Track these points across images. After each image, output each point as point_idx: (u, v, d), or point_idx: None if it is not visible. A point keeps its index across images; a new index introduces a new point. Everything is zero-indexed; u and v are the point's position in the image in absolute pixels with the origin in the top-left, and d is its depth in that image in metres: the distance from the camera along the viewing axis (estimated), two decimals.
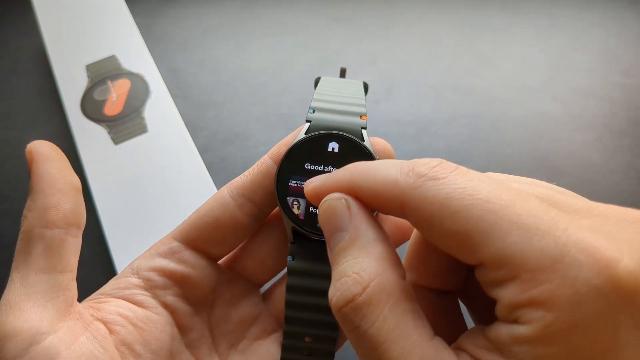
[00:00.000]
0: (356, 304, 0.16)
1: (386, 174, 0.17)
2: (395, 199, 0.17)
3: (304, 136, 0.23)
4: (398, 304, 0.16)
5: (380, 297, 0.16)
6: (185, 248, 0.23)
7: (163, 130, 0.41)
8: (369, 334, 0.16)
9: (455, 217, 0.15)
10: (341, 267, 0.17)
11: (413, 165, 0.17)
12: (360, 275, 0.16)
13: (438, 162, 0.16)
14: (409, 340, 0.15)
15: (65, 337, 0.19)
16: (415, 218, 0.16)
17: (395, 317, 0.16)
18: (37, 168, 0.20)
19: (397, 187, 0.17)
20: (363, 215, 0.18)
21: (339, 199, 0.18)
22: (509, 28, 0.56)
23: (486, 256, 0.15)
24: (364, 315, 0.16)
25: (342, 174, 0.19)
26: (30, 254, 0.19)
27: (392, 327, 0.16)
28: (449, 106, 0.50)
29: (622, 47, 0.54)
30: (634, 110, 0.49)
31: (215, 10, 0.58)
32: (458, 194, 0.15)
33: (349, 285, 0.16)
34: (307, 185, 0.20)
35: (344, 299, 0.16)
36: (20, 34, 0.56)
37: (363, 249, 0.17)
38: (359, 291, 0.16)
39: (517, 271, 0.14)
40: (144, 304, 0.22)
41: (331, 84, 0.25)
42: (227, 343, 0.24)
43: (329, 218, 0.18)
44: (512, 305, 0.14)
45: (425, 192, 0.16)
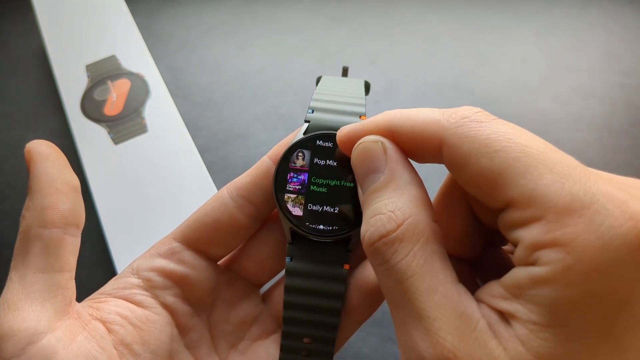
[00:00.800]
0: (389, 239, 0.17)
1: (428, 114, 0.18)
2: (435, 136, 0.17)
3: (302, 137, 0.23)
4: (428, 244, 0.17)
5: (412, 235, 0.17)
6: (185, 248, 0.23)
7: (163, 130, 0.41)
8: (397, 268, 0.16)
9: (493, 156, 0.16)
10: (376, 206, 0.18)
11: (456, 110, 0.18)
12: (395, 214, 0.17)
13: (480, 110, 0.17)
14: (434, 278, 0.16)
15: (63, 337, 0.19)
16: (453, 155, 0.17)
17: (425, 255, 0.16)
18: (36, 168, 0.20)
19: (438, 125, 0.17)
20: (399, 158, 0.19)
21: (375, 141, 0.19)
22: (509, 28, 0.56)
23: (516, 194, 0.15)
24: (395, 250, 0.17)
25: (379, 117, 0.19)
26: (28, 254, 0.19)
27: (420, 263, 0.16)
28: (449, 106, 0.49)
29: (622, 47, 0.54)
30: (634, 110, 0.49)
31: (215, 10, 0.58)
32: (498, 136, 0.16)
33: (383, 222, 0.17)
34: (341, 131, 0.20)
35: (378, 234, 0.17)
36: (20, 34, 0.56)
37: (398, 190, 0.18)
38: (393, 227, 0.17)
39: (545, 211, 0.14)
40: (143, 304, 0.22)
41: (331, 84, 0.25)
42: (227, 343, 0.24)
43: (365, 159, 0.19)
44: (534, 245, 0.15)
45: (467, 130, 0.17)
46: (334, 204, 0.22)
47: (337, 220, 0.22)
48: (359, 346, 0.37)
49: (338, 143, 0.20)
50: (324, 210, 0.22)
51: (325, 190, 0.22)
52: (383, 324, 0.38)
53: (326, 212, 0.22)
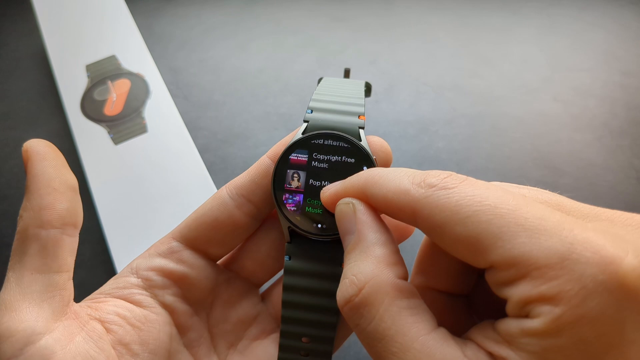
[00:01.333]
0: (353, 304, 0.17)
1: (398, 183, 0.18)
2: (407, 207, 0.18)
3: (300, 136, 0.23)
4: (394, 303, 0.17)
5: (375, 298, 0.17)
6: (185, 248, 0.23)
7: (163, 130, 0.41)
8: (368, 331, 0.17)
9: (466, 222, 0.16)
10: (346, 269, 0.18)
11: (424, 177, 0.18)
12: (357, 278, 0.18)
13: (448, 174, 0.17)
14: (406, 336, 0.16)
15: (61, 337, 0.19)
16: (427, 225, 0.17)
17: (391, 315, 0.17)
18: (33, 167, 0.20)
19: (408, 196, 0.17)
20: (367, 218, 0.19)
21: (347, 204, 0.20)
22: (509, 28, 0.56)
23: (496, 258, 0.15)
24: (361, 315, 0.17)
25: (355, 181, 0.20)
26: (26, 254, 0.19)
27: (388, 325, 0.17)
28: (449, 106, 0.50)
29: (622, 47, 0.54)
30: (634, 110, 0.49)
31: (215, 10, 0.58)
32: (467, 201, 0.16)
33: (346, 287, 0.18)
34: (324, 193, 0.21)
35: (343, 299, 0.18)
36: (20, 34, 0.56)
37: (363, 252, 0.18)
38: (355, 292, 0.17)
39: (527, 270, 0.15)
40: (142, 304, 0.22)
41: (331, 84, 0.25)
42: (226, 343, 0.24)
43: (340, 221, 0.20)
44: (522, 301, 0.15)
45: (436, 200, 0.17)
46: None
47: None
48: (359, 346, 0.37)
49: (323, 203, 0.21)
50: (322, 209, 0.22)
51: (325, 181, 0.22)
52: None
53: (324, 211, 0.22)
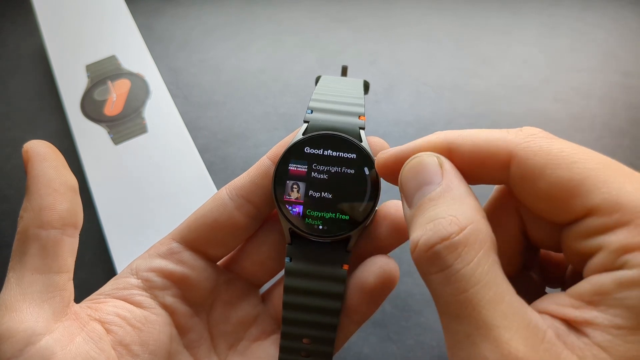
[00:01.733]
0: (452, 242, 0.16)
1: (490, 132, 0.18)
2: (503, 152, 0.17)
3: (301, 137, 0.23)
4: (490, 253, 0.16)
5: (475, 241, 0.16)
6: (185, 249, 0.23)
7: (163, 130, 0.41)
8: (460, 274, 0.16)
9: (571, 167, 0.16)
10: (433, 212, 0.17)
11: (520, 129, 0.18)
12: (457, 218, 0.16)
13: (545, 131, 0.18)
14: (500, 287, 0.15)
15: (61, 338, 0.19)
16: (525, 168, 0.17)
17: (489, 263, 0.16)
18: (33, 168, 0.20)
19: (506, 141, 0.17)
20: (456, 173, 0.18)
21: (430, 156, 0.18)
22: (509, 28, 0.56)
23: (599, 201, 0.15)
24: (459, 255, 0.16)
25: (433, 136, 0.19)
26: (26, 255, 0.19)
27: (485, 270, 0.16)
28: (449, 106, 0.50)
29: (622, 47, 0.54)
30: (634, 110, 0.49)
31: (215, 10, 0.58)
32: (572, 150, 0.16)
33: (444, 225, 0.16)
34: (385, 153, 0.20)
35: (439, 236, 0.16)
36: (20, 34, 0.56)
37: (457, 199, 0.17)
38: (456, 230, 0.16)
39: (632, 216, 0.15)
40: (142, 305, 0.22)
41: (330, 83, 0.25)
42: (226, 344, 0.24)
43: (418, 172, 0.18)
44: (621, 249, 0.15)
45: (540, 144, 0.17)
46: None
47: (336, 220, 0.22)
48: (360, 346, 0.37)
49: (380, 165, 0.20)
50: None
51: (325, 189, 0.22)
52: (383, 325, 0.38)
53: (324, 222, 0.22)
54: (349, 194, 0.22)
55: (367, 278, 0.22)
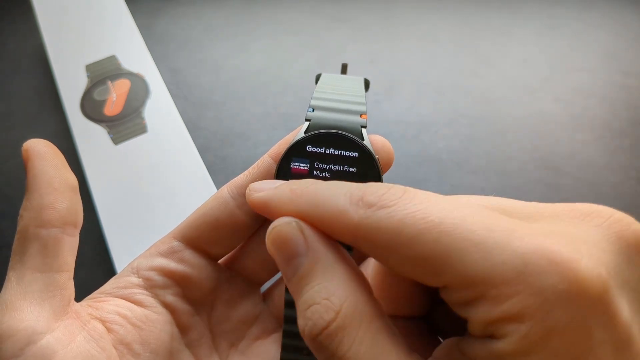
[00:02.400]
0: (330, 330, 0.16)
1: (334, 203, 0.17)
2: (346, 231, 0.16)
3: (303, 135, 0.22)
4: (372, 323, 0.16)
5: (352, 319, 0.16)
6: (186, 247, 0.23)
7: (163, 130, 0.41)
8: (346, 357, 0.15)
9: (410, 244, 0.15)
10: (308, 295, 0.16)
11: (362, 194, 0.16)
12: (330, 300, 0.16)
13: (387, 189, 0.16)
14: (390, 356, 0.15)
15: (62, 337, 0.19)
16: (370, 248, 0.16)
17: (371, 337, 0.16)
18: (33, 167, 0.20)
19: (347, 219, 0.16)
20: (318, 237, 0.17)
21: (289, 224, 0.17)
22: (509, 28, 0.56)
23: (449, 279, 0.15)
24: (340, 341, 0.15)
25: (287, 199, 0.18)
26: (26, 254, 0.19)
27: (368, 348, 0.15)
28: (450, 106, 0.50)
29: (622, 47, 0.54)
30: (634, 110, 0.49)
31: (215, 10, 0.58)
32: (410, 220, 0.15)
33: (320, 313, 0.16)
34: (251, 194, 0.19)
35: (319, 327, 0.16)
36: (20, 34, 0.56)
37: (327, 272, 0.16)
38: (332, 317, 0.16)
39: (483, 289, 0.14)
40: (143, 303, 0.22)
41: (331, 81, 0.25)
42: (227, 343, 0.24)
43: (282, 245, 0.17)
44: (484, 322, 0.14)
45: (377, 221, 0.15)
46: None
47: None
48: None
49: (252, 206, 0.19)
50: None
51: None
52: None
53: None
54: None
55: (368, 277, 0.22)
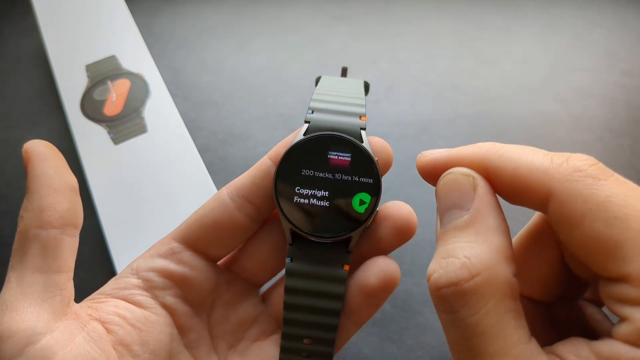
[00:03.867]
0: (460, 289, 0.15)
1: (533, 158, 0.16)
2: (541, 187, 0.16)
3: (302, 137, 0.22)
4: (503, 301, 0.15)
5: (487, 290, 0.15)
6: (185, 249, 0.23)
7: (163, 130, 0.41)
8: (466, 323, 0.15)
9: (612, 223, 0.14)
10: (451, 246, 0.16)
11: (567, 158, 0.16)
12: (471, 262, 0.16)
13: (595, 162, 0.16)
14: (507, 340, 0.15)
15: (62, 338, 0.19)
16: (563, 212, 0.15)
17: (498, 313, 0.15)
18: (34, 168, 0.20)
19: (546, 174, 0.16)
20: (489, 199, 0.17)
21: (466, 175, 0.17)
22: (509, 28, 0.56)
23: (633, 271, 0.14)
24: (465, 303, 0.15)
25: (474, 149, 0.18)
26: (26, 254, 0.19)
27: (493, 322, 0.15)
28: (450, 106, 0.49)
29: (623, 47, 0.54)
30: (634, 110, 0.49)
31: (215, 10, 0.57)
32: (619, 200, 0.14)
33: (455, 268, 0.16)
34: (424, 156, 0.19)
35: (447, 279, 0.16)
36: (20, 34, 0.56)
37: (481, 235, 0.16)
38: (466, 277, 0.15)
39: None
40: (143, 305, 0.22)
41: (331, 84, 0.25)
42: (227, 344, 0.24)
43: (450, 191, 0.17)
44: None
45: (582, 187, 0.15)
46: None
47: (337, 221, 0.22)
48: (359, 346, 0.37)
49: (419, 168, 0.19)
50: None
51: (327, 191, 0.22)
52: (383, 324, 0.38)
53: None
54: (351, 195, 0.22)
55: (368, 279, 0.22)
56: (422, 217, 0.43)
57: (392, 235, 0.23)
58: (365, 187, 0.22)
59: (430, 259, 0.18)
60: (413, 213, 0.23)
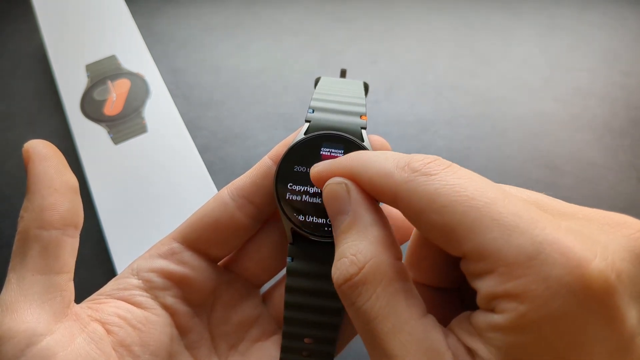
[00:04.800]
0: (352, 282, 0.18)
1: (382, 165, 0.18)
2: (388, 190, 0.18)
3: (303, 137, 0.22)
4: (391, 284, 0.17)
5: (374, 277, 0.17)
6: (185, 249, 0.23)
7: (163, 130, 0.41)
8: (362, 310, 0.17)
9: (442, 211, 0.16)
10: (341, 249, 0.19)
11: (409, 160, 0.18)
12: (357, 257, 0.18)
13: (433, 159, 0.17)
14: (399, 318, 0.17)
15: (62, 339, 0.19)
16: (406, 210, 0.17)
17: (387, 295, 0.17)
18: (34, 168, 0.20)
19: (391, 179, 0.18)
20: (361, 199, 0.19)
21: (339, 184, 0.20)
22: (509, 28, 0.56)
23: (468, 249, 0.16)
24: (359, 293, 0.17)
25: (343, 161, 0.20)
26: (27, 255, 0.19)
27: (383, 304, 0.17)
28: (449, 106, 0.49)
29: (623, 47, 0.54)
30: (634, 110, 0.49)
31: (215, 10, 0.57)
32: (446, 190, 0.16)
33: (346, 266, 0.18)
34: (313, 169, 0.21)
35: (343, 277, 0.18)
36: (20, 34, 0.56)
37: (361, 232, 0.18)
38: (355, 271, 0.18)
39: (495, 265, 0.15)
40: (143, 305, 0.22)
41: (331, 84, 0.25)
42: (227, 344, 0.24)
43: (331, 201, 0.20)
44: (489, 295, 0.15)
45: (416, 186, 0.17)
46: None
47: None
48: (360, 346, 0.37)
49: (312, 181, 0.21)
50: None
51: None
52: None
53: None
54: None
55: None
56: None
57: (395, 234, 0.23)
58: None
59: None
60: None
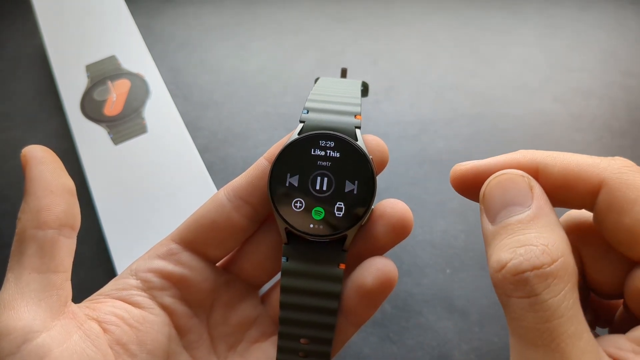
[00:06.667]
0: (543, 272, 0.16)
1: (582, 157, 0.18)
2: (592, 178, 0.17)
3: (296, 137, 0.23)
4: (575, 288, 0.16)
5: (565, 273, 0.16)
6: (183, 250, 0.23)
7: (163, 130, 0.41)
8: (547, 304, 0.16)
9: None
10: (524, 237, 0.17)
11: (612, 158, 0.18)
12: (549, 248, 0.17)
13: (635, 164, 0.17)
14: (580, 324, 0.16)
15: (58, 336, 0.19)
16: (614, 200, 0.17)
17: (573, 298, 0.16)
18: (31, 171, 0.20)
19: (597, 167, 0.17)
20: (546, 198, 0.18)
21: (521, 175, 0.19)
22: (509, 28, 0.56)
23: None
24: (548, 285, 0.16)
25: (519, 154, 0.19)
26: (24, 255, 0.19)
27: (570, 305, 0.16)
28: (450, 106, 0.49)
29: (622, 47, 0.54)
30: (634, 110, 0.49)
31: (215, 10, 0.58)
32: None
33: (537, 253, 0.16)
34: (463, 165, 0.20)
35: (530, 263, 0.16)
36: (20, 34, 0.56)
37: (549, 227, 0.17)
38: (548, 261, 0.16)
39: None
40: (140, 305, 0.22)
41: (328, 84, 0.25)
42: (226, 345, 0.24)
43: (507, 189, 0.18)
44: None
45: (632, 178, 0.17)
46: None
47: (332, 220, 0.22)
48: (360, 347, 0.37)
49: (457, 176, 0.20)
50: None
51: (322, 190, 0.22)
52: (383, 325, 0.38)
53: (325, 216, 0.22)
54: (345, 194, 0.22)
55: (365, 279, 0.22)
56: (422, 218, 0.43)
57: (388, 233, 0.23)
58: None
59: (430, 259, 0.18)
60: (408, 210, 0.22)
